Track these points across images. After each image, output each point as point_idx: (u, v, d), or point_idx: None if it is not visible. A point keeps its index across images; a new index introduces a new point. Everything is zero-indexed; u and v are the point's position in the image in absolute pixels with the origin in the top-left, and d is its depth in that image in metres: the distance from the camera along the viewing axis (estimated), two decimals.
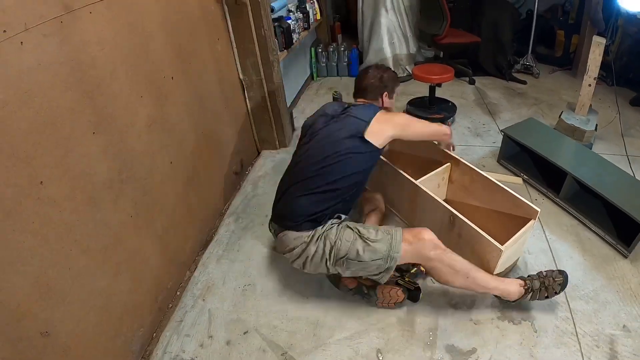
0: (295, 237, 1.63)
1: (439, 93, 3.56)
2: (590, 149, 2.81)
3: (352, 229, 1.61)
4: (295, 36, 3.07)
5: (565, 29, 4.59)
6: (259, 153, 2.99)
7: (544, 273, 1.73)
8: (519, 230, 1.77)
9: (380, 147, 1.72)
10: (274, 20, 2.75)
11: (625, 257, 2.04)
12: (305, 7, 3.41)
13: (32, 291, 1.13)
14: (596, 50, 2.72)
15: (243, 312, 1.86)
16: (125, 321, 1.54)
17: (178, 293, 1.93)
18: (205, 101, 2.13)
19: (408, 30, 4.26)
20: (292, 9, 3.19)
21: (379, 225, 2.07)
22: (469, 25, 4.34)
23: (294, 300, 1.87)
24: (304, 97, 4.07)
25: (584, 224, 2.26)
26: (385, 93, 1.98)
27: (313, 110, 2.01)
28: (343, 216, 1.71)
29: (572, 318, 1.75)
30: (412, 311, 1.83)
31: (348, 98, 3.81)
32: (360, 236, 1.59)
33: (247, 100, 2.67)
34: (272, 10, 2.58)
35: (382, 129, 1.71)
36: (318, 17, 3.83)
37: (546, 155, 2.41)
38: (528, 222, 1.81)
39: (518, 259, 1.99)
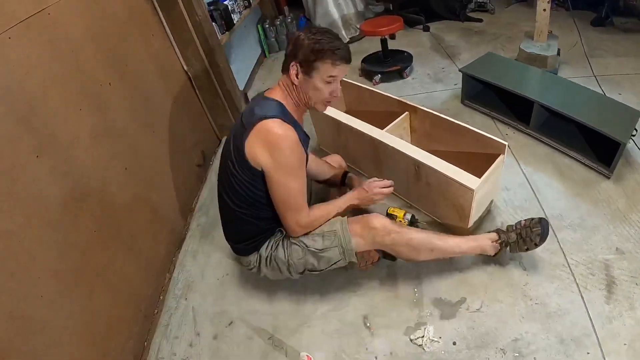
0: (245, 262, 1.62)
1: (396, 45, 3.43)
2: (556, 74, 2.70)
3: (297, 245, 1.50)
4: (235, 17, 2.92)
5: None
6: (220, 140, 2.88)
7: (522, 223, 1.58)
8: (487, 168, 1.65)
9: (259, 170, 1.38)
10: (210, 4, 2.64)
11: (608, 177, 1.97)
12: None
13: (9, 326, 1.12)
14: None
15: (225, 304, 1.81)
16: (111, 337, 1.53)
17: (161, 297, 1.89)
18: (151, 100, 2.07)
19: None
20: None
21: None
22: None
23: (272, 282, 1.75)
24: (258, 76, 3.89)
25: (560, 151, 2.18)
26: (294, 64, 1.36)
27: None
28: (283, 231, 1.57)
29: (562, 249, 1.68)
30: (393, 271, 1.75)
31: None
32: (308, 249, 1.49)
33: (197, 89, 2.58)
34: None
35: (254, 150, 1.33)
36: None
37: (509, 87, 2.30)
38: (496, 157, 1.70)
39: (492, 201, 1.89)
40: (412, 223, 1.80)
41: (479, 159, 1.78)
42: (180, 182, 2.22)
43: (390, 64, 3.24)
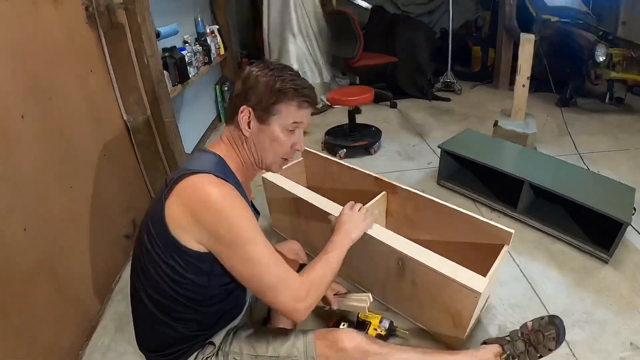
0: None
1: (362, 120, 3.31)
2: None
3: None
4: (192, 70, 2.68)
5: (481, 44, 4.65)
6: None
7: (529, 326, 1.29)
8: (486, 262, 1.38)
9: (198, 252, 0.98)
10: (165, 50, 2.38)
11: (606, 262, 1.83)
12: (206, 40, 3.03)
13: None
14: (526, 48, 2.59)
15: None
16: None
17: None
18: (75, 148, 1.69)
19: (320, 58, 4.04)
20: (189, 40, 2.80)
21: None
22: (384, 49, 4.21)
23: None
24: (210, 140, 3.57)
25: (551, 236, 2.01)
26: (244, 109, 1.05)
27: None
28: (217, 341, 1.14)
29: (573, 353, 1.44)
30: None
31: None
32: None
33: (135, 145, 2.19)
34: (159, 35, 2.17)
35: (179, 218, 0.95)
36: (222, 52, 3.47)
37: (495, 166, 2.14)
38: (497, 248, 1.46)
39: (487, 300, 1.62)
40: (391, 332, 1.50)
41: (474, 250, 1.54)
42: (100, 255, 1.81)
43: (356, 138, 3.07)
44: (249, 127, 1.06)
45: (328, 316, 1.58)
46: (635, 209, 1.86)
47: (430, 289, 1.40)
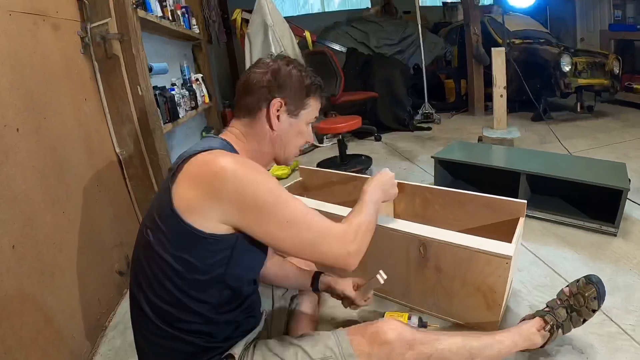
0: None
1: (348, 151, 3.33)
2: None
3: None
4: (181, 111, 2.72)
5: (452, 76, 4.90)
6: None
7: (567, 291, 1.24)
8: (505, 239, 1.34)
9: (216, 234, 0.88)
10: (155, 88, 2.39)
11: (615, 235, 1.87)
12: (192, 86, 3.12)
13: None
14: (498, 59, 2.76)
15: None
16: None
17: None
18: (68, 172, 1.62)
19: None
20: (176, 83, 2.89)
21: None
22: (362, 88, 4.40)
23: None
24: None
25: (556, 222, 2.04)
26: (278, 101, 1.01)
27: None
28: (237, 352, 1.00)
29: (609, 317, 1.41)
30: None
31: None
32: None
33: (127, 179, 2.14)
34: (151, 69, 2.22)
35: (194, 201, 0.87)
36: (207, 100, 3.57)
37: (492, 164, 2.19)
38: (513, 223, 1.46)
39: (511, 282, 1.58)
40: (421, 326, 1.43)
41: (489, 230, 1.54)
42: (92, 289, 1.68)
43: (348, 167, 3.10)
44: (278, 121, 1.02)
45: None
46: (630, 180, 1.92)
47: (457, 270, 1.35)
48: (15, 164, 1.31)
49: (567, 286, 1.25)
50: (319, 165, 3.25)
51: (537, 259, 1.79)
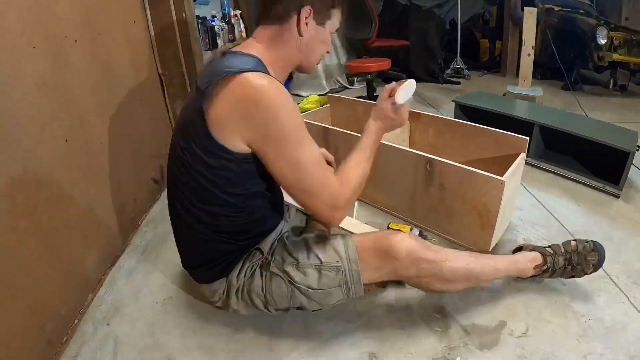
0: (208, 291, 1.22)
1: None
2: None
3: (281, 277, 1.11)
4: (220, 41, 2.81)
5: (488, 36, 4.81)
6: None
7: (573, 245, 1.30)
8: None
9: (241, 152, 0.97)
10: (198, 17, 2.48)
11: (617, 197, 1.91)
12: (231, 20, 3.17)
13: None
14: (529, 19, 2.74)
15: (163, 335, 1.31)
16: None
17: (76, 321, 1.37)
18: (116, 85, 1.77)
19: (337, 40, 4.18)
20: (217, 16, 2.95)
21: None
22: (397, 37, 4.34)
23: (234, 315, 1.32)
24: None
25: (563, 176, 2.11)
26: (308, 9, 1.02)
27: None
28: (265, 248, 1.16)
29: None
30: (404, 292, 1.40)
31: None
32: (296, 287, 1.10)
33: (167, 98, 2.28)
34: None
35: (225, 120, 0.94)
36: (244, 35, 3.61)
37: (508, 112, 2.24)
38: (514, 157, 1.55)
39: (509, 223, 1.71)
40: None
41: (494, 163, 1.64)
42: (130, 191, 1.85)
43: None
44: (307, 27, 1.05)
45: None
46: (639, 147, 1.94)
47: (458, 187, 1.48)
48: (72, 70, 1.44)
49: (575, 241, 1.32)
50: None
51: (538, 203, 1.88)
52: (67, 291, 1.35)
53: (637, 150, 1.91)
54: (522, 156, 1.53)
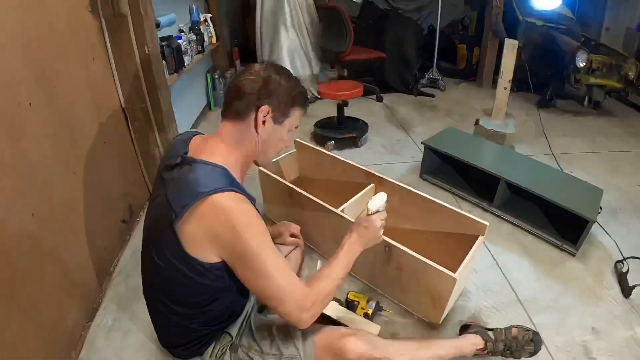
0: None
1: (349, 113, 3.38)
2: (513, 150, 2.77)
3: None
4: (187, 59, 2.74)
5: (466, 42, 4.81)
6: (151, 195, 2.54)
7: (513, 333, 1.42)
8: (464, 250, 1.54)
9: (215, 264, 1.07)
10: (162, 39, 2.42)
11: (573, 255, 1.99)
12: (200, 29, 3.11)
13: None
14: (509, 53, 2.73)
15: None
16: None
17: None
18: (78, 134, 1.74)
19: (310, 50, 4.11)
20: (184, 29, 2.88)
21: (300, 263, 1.78)
22: (373, 44, 4.31)
23: None
24: (200, 128, 3.65)
25: (524, 229, 2.17)
26: (266, 108, 1.11)
27: None
28: (233, 332, 1.26)
29: (539, 332, 1.55)
30: None
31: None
32: None
33: (132, 132, 2.26)
34: (159, 25, 2.24)
35: (200, 239, 1.02)
36: (214, 40, 3.55)
37: (475, 163, 2.28)
38: (473, 238, 1.61)
39: (463, 286, 1.79)
40: (377, 311, 1.66)
41: (453, 240, 1.69)
42: (99, 239, 1.87)
43: (345, 131, 3.18)
44: (264, 126, 1.12)
45: None
46: (601, 208, 2.03)
47: (413, 273, 1.54)
48: (30, 137, 1.40)
49: (516, 328, 1.44)
50: (316, 125, 3.31)
51: (495, 264, 1.95)
52: (51, 353, 1.43)
53: (599, 212, 1.99)
54: (480, 240, 1.58)
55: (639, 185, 2.60)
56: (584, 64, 3.46)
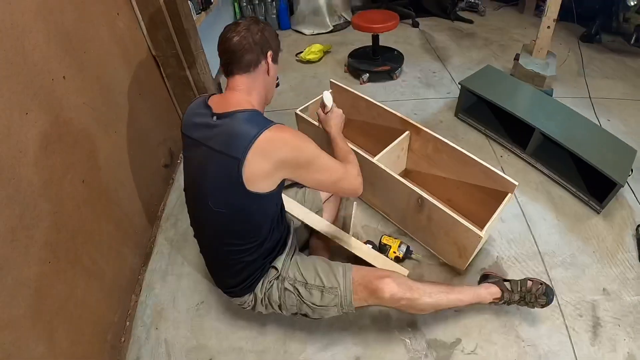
0: (239, 301, 1.51)
1: (383, 41, 3.29)
2: (552, 94, 2.73)
3: (292, 292, 1.42)
4: None
5: None
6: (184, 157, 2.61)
7: (529, 286, 1.55)
8: (491, 204, 1.67)
9: (271, 191, 1.23)
10: None
11: (598, 212, 2.05)
12: None
13: None
14: None
15: (202, 337, 1.67)
16: None
17: (127, 323, 1.72)
18: (113, 92, 1.80)
19: None
20: None
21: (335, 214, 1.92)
22: None
23: (256, 316, 1.66)
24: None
25: (554, 180, 2.23)
26: (270, 53, 1.32)
27: None
28: (279, 266, 1.44)
29: (553, 288, 1.69)
30: (385, 308, 1.66)
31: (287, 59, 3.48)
32: (303, 301, 1.42)
33: (165, 78, 2.31)
34: None
35: (265, 171, 1.17)
36: None
37: (511, 110, 2.29)
38: (502, 194, 1.69)
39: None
40: (407, 255, 1.81)
41: (483, 193, 1.78)
42: (145, 187, 2.00)
43: (379, 62, 3.15)
44: (271, 67, 1.34)
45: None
46: (632, 171, 2.05)
47: (443, 225, 1.67)
48: (69, 110, 1.46)
49: (532, 281, 1.57)
50: (351, 55, 3.28)
51: (522, 214, 2.05)
52: (114, 299, 1.66)
53: (630, 175, 2.02)
54: (508, 198, 1.66)
55: None
56: (635, 2, 3.24)
